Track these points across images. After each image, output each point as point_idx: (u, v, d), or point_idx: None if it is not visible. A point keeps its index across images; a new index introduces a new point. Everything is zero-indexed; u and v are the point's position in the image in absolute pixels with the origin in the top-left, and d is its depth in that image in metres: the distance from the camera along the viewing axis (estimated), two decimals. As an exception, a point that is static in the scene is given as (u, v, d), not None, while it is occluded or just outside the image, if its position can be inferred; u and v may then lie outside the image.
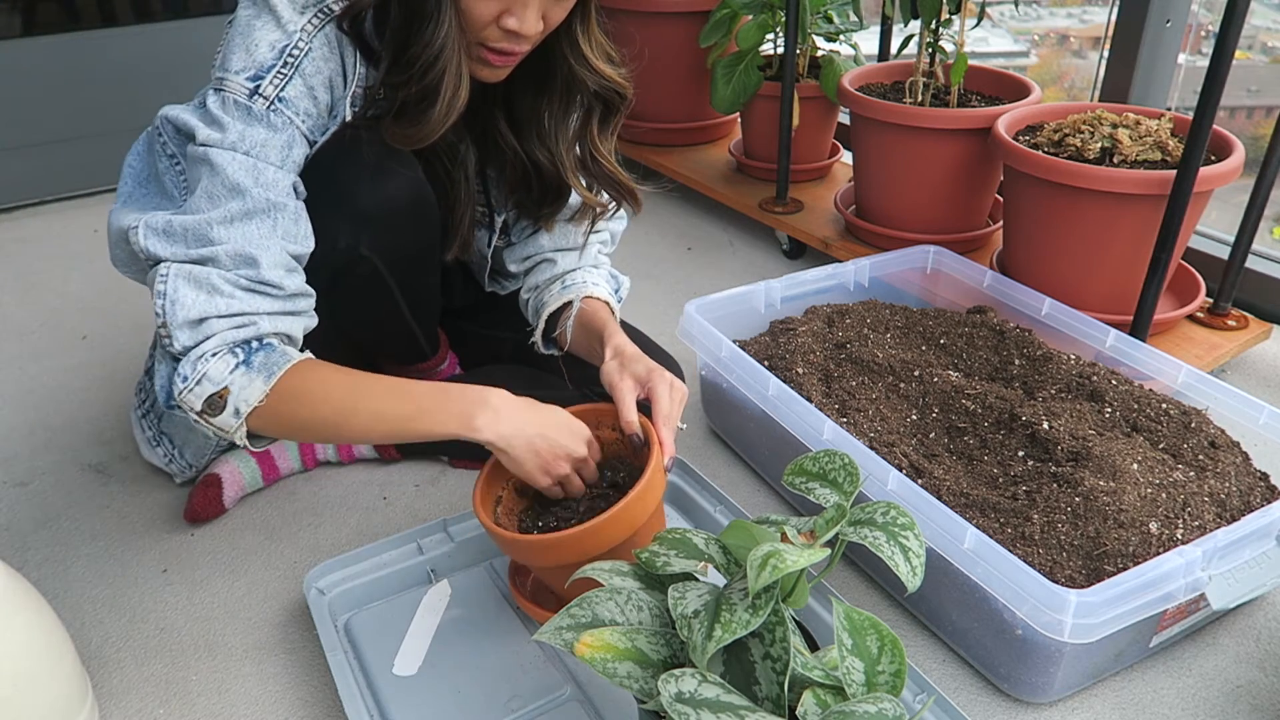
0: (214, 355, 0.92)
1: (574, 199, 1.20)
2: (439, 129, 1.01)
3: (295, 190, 0.98)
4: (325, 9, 0.98)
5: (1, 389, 1.58)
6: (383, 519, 1.28)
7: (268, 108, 0.95)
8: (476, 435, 0.95)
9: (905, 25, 1.80)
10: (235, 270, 0.93)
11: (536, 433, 0.96)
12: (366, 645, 1.05)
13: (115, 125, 2.30)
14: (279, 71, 0.95)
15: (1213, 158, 1.44)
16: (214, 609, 1.14)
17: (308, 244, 0.99)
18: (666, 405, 1.00)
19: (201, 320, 0.92)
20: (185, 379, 0.92)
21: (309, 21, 0.97)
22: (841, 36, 2.05)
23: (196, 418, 0.94)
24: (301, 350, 0.99)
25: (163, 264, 0.93)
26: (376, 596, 1.11)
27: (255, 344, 0.94)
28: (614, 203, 1.20)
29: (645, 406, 1.02)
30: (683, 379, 1.06)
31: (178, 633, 1.11)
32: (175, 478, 1.32)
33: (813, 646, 0.84)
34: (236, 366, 0.92)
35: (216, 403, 0.92)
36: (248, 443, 0.97)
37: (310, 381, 0.95)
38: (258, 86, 0.95)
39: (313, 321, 1.00)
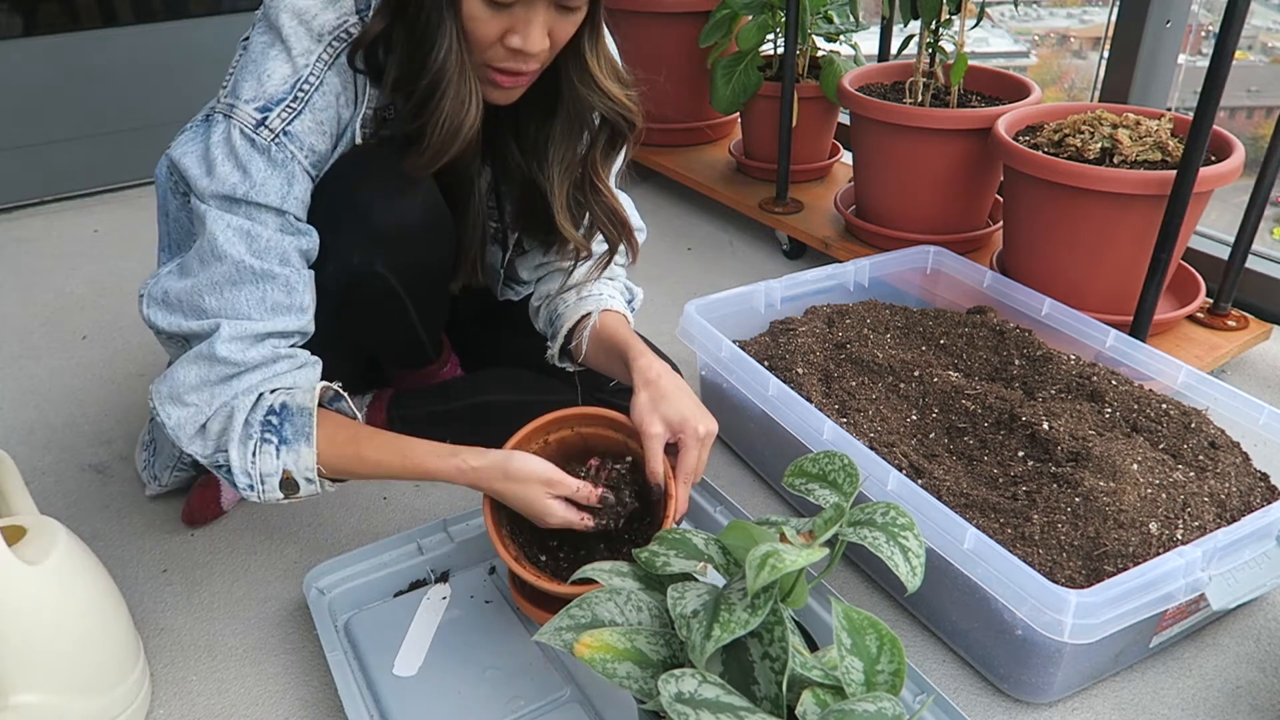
0: (253, 455, 0.94)
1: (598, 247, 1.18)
2: (449, 151, 1.00)
3: (300, 250, 0.98)
4: (344, 33, 0.97)
5: (1, 389, 1.58)
6: (383, 519, 1.28)
7: (272, 140, 0.94)
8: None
9: (905, 25, 1.80)
10: (229, 342, 0.93)
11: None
12: (366, 645, 1.05)
13: (115, 125, 2.30)
14: (288, 105, 0.95)
15: (1213, 158, 1.44)
16: (214, 609, 1.14)
17: (300, 317, 0.98)
18: (691, 463, 1.00)
19: (196, 390, 0.94)
20: (252, 488, 0.95)
21: (325, 50, 0.96)
22: (841, 36, 2.05)
23: (288, 501, 0.98)
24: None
25: (156, 384, 0.96)
26: (376, 596, 1.12)
27: (272, 419, 0.95)
28: (608, 245, 1.17)
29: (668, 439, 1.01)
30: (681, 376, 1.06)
31: (178, 633, 1.11)
32: (145, 489, 1.31)
33: (812, 646, 0.84)
34: (277, 448, 0.95)
35: (290, 484, 0.96)
36: (333, 488, 1.00)
37: (331, 424, 0.98)
38: (265, 118, 0.94)
39: (317, 368, 1.01)
